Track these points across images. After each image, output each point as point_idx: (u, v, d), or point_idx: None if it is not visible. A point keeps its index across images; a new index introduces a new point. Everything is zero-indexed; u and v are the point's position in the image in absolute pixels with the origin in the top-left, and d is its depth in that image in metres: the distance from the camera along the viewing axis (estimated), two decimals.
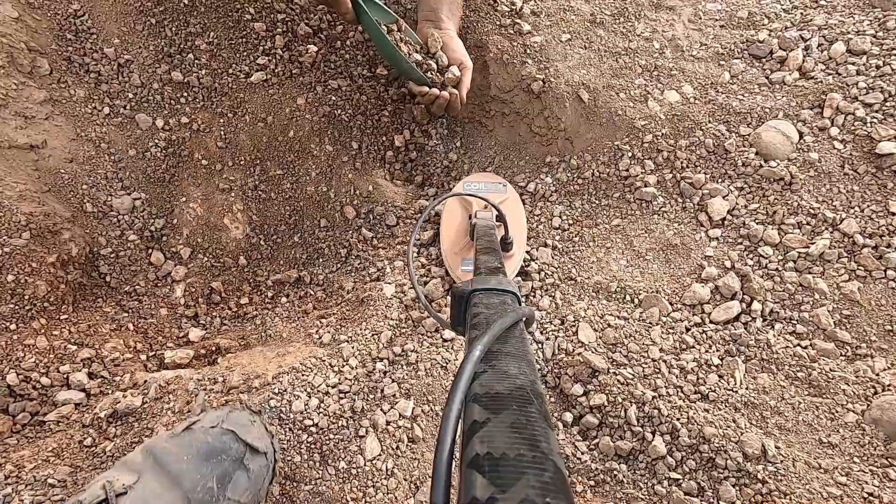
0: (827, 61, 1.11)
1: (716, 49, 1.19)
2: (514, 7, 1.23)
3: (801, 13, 1.19)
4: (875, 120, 1.01)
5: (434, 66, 1.07)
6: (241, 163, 1.16)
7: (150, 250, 1.12)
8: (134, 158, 1.14)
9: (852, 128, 1.02)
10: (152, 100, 1.16)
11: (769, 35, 1.17)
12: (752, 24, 1.21)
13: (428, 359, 0.88)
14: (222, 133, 1.16)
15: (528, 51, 1.18)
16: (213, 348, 1.01)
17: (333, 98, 1.18)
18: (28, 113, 1.06)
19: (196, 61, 1.17)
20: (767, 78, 1.13)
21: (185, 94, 1.17)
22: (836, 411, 0.80)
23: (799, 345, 0.87)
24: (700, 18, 1.24)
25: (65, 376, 0.91)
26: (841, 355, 0.86)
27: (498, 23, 1.22)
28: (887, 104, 1.02)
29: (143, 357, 1.00)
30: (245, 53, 1.19)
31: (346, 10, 0.98)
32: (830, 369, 0.83)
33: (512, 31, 1.20)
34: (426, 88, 1.06)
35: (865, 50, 1.09)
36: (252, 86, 1.18)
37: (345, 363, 0.86)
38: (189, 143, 1.16)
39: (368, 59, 1.24)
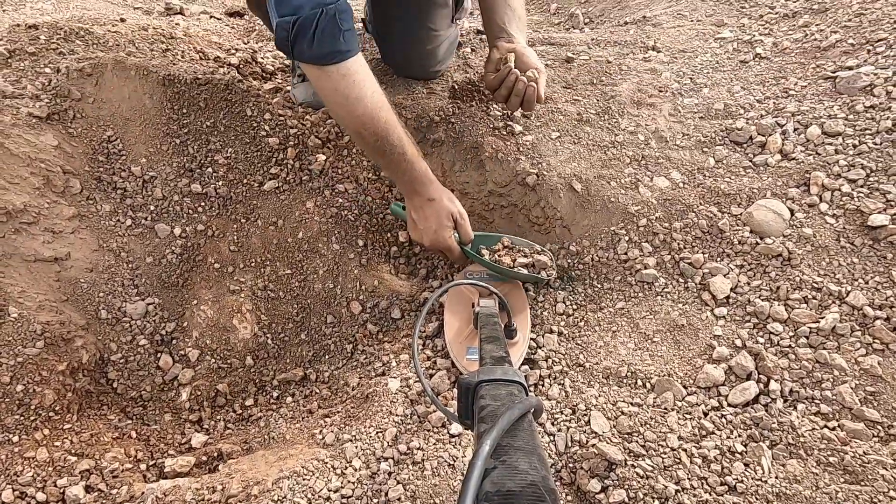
0: (805, 143, 1.17)
1: (698, 138, 1.26)
2: (506, 112, 1.34)
3: (774, 102, 1.28)
4: (862, 194, 1.04)
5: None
6: (252, 264, 1.21)
7: (159, 354, 1.14)
8: (150, 265, 1.19)
9: (841, 202, 1.05)
10: (172, 210, 1.24)
11: (746, 123, 1.25)
12: (728, 114, 1.29)
13: (434, 457, 0.84)
14: (235, 238, 1.23)
15: (521, 148, 1.26)
16: (215, 454, 0.98)
17: (340, 200, 1.26)
18: (56, 228, 1.13)
19: (214, 174, 1.27)
20: (751, 161, 1.19)
21: (203, 203, 1.25)
22: (878, 500, 0.73)
23: (826, 426, 0.83)
24: (679, 112, 1.33)
25: (61, 491, 0.88)
26: (873, 436, 0.80)
27: (492, 125, 1.32)
28: (871, 179, 1.05)
29: (143, 466, 0.97)
30: (259, 165, 1.29)
31: (460, 258, 1.13)
32: (864, 452, 0.78)
33: (505, 133, 1.30)
34: (506, 68, 1.11)
35: (840, 131, 1.15)
36: (265, 193, 1.26)
37: (348, 464, 0.82)
38: (203, 249, 1.22)
39: (373, 164, 1.33)
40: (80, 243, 1.15)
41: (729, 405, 0.88)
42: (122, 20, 1.56)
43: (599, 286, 1.12)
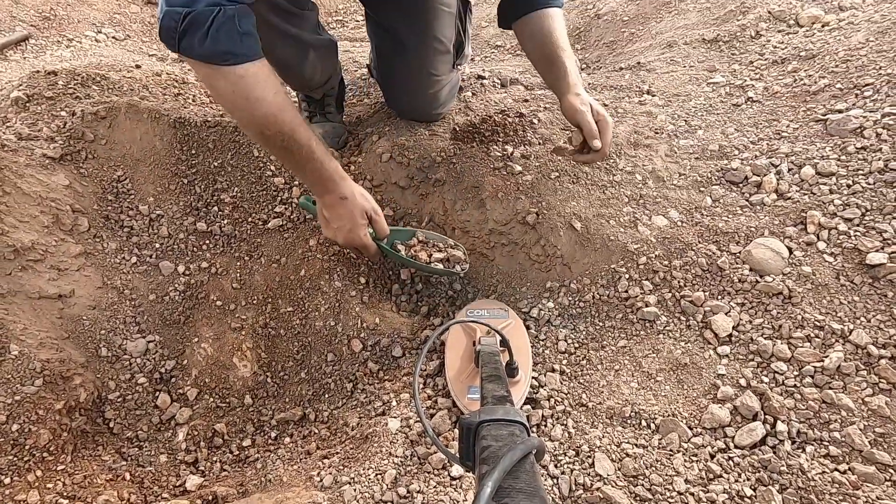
0: (800, 183, 1.19)
1: (694, 178, 1.29)
2: (505, 152, 1.37)
3: (767, 143, 1.31)
4: (858, 233, 1.05)
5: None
6: (254, 302, 1.22)
7: (157, 393, 1.12)
8: (153, 303, 1.20)
9: (838, 241, 1.06)
10: (177, 248, 1.26)
11: (741, 163, 1.28)
12: (723, 154, 1.32)
13: (435, 500, 0.82)
14: (238, 275, 1.24)
15: (521, 188, 1.29)
16: (210, 497, 0.95)
17: None
18: (62, 266, 1.15)
19: (220, 212, 1.30)
20: (747, 200, 1.21)
21: (208, 241, 1.27)
22: None
23: (836, 469, 0.81)
24: (675, 153, 1.37)
25: None
26: (885, 480, 0.78)
27: (492, 166, 1.35)
28: (866, 218, 1.07)
29: None
30: (264, 203, 1.32)
31: (375, 256, 1.16)
32: (877, 497, 0.76)
33: (505, 173, 1.33)
34: (571, 147, 1.14)
35: (833, 172, 1.17)
36: (269, 231, 1.28)
37: None
38: (206, 286, 1.23)
39: (377, 202, 1.36)
40: (84, 280, 1.16)
41: (736, 447, 0.86)
42: (138, 66, 1.63)
43: (601, 324, 1.11)
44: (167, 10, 0.86)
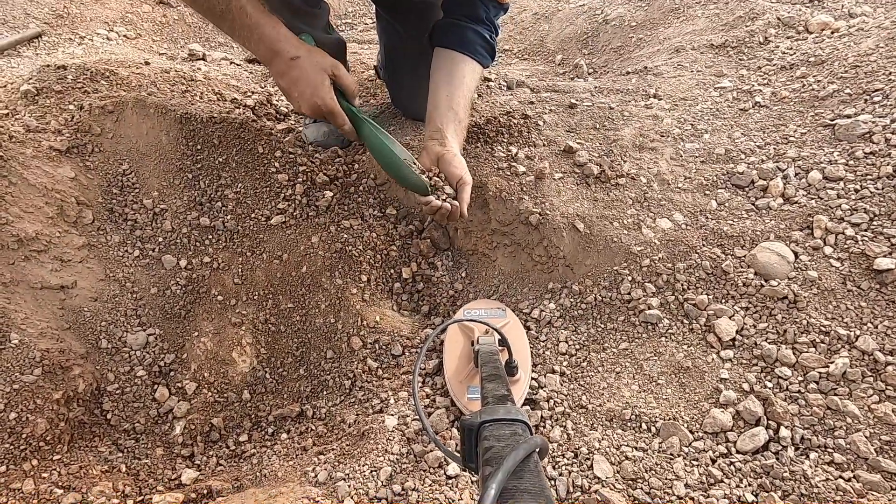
0: (807, 187, 1.18)
1: (700, 181, 1.28)
2: (510, 153, 1.37)
3: (774, 148, 1.30)
4: (866, 238, 1.04)
5: (440, 182, 1.12)
6: (255, 297, 1.22)
7: (156, 386, 1.12)
8: (154, 296, 1.20)
9: (845, 246, 1.04)
10: (179, 242, 1.26)
11: (748, 167, 1.27)
12: (729, 158, 1.31)
13: (430, 499, 0.81)
14: (240, 270, 1.24)
15: (525, 188, 1.28)
16: (205, 491, 0.95)
17: (345, 236, 1.27)
18: (65, 257, 1.15)
19: (223, 208, 1.30)
20: (753, 204, 1.20)
21: (210, 236, 1.27)
22: None
23: (841, 477, 0.79)
24: (681, 156, 1.36)
25: None
26: (891, 489, 0.76)
27: (496, 166, 1.34)
28: (874, 223, 1.05)
29: (131, 502, 0.94)
30: (268, 200, 1.32)
31: (343, 122, 1.02)
32: None
33: (509, 173, 1.32)
34: (429, 198, 1.06)
35: (841, 176, 1.16)
36: (271, 227, 1.28)
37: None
38: (208, 281, 1.23)
39: (379, 201, 1.36)
40: (87, 272, 1.16)
41: (738, 452, 0.85)
42: (147, 63, 1.64)
43: (602, 326, 1.10)
44: None
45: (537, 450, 0.49)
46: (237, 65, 2.10)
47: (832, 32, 1.66)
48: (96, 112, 1.31)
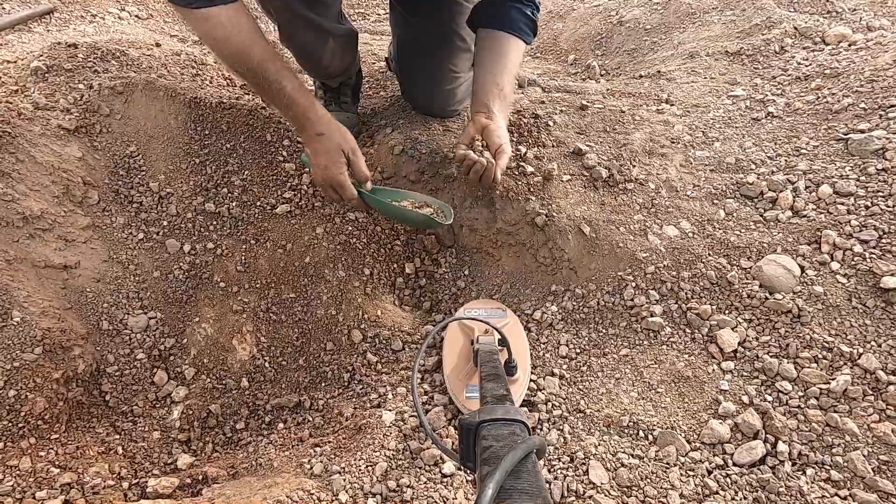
0: (816, 201, 1.17)
1: (708, 190, 1.27)
2: (518, 152, 1.36)
3: (785, 160, 1.29)
4: (874, 255, 1.03)
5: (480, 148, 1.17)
6: (257, 286, 1.21)
7: (155, 369, 1.12)
8: (157, 280, 1.20)
9: (853, 262, 1.04)
10: (184, 227, 1.26)
11: (758, 178, 1.26)
12: (740, 168, 1.30)
13: (424, 496, 0.81)
14: (243, 258, 1.23)
15: (532, 189, 1.28)
16: (200, 477, 0.95)
17: (350, 228, 1.27)
18: (69, 237, 1.15)
19: (229, 194, 1.30)
20: (762, 216, 1.19)
21: (215, 222, 1.27)
22: None
23: (837, 495, 0.79)
24: (691, 163, 1.35)
25: (39, 503, 0.86)
26: None
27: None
28: (883, 241, 1.05)
29: (126, 485, 0.94)
30: (274, 188, 1.31)
31: (352, 197, 1.13)
32: None
33: (517, 172, 1.31)
34: (467, 152, 1.12)
35: (852, 192, 1.15)
36: (276, 216, 1.28)
37: (334, 497, 0.79)
38: (211, 267, 1.23)
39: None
40: (90, 253, 1.16)
41: (734, 464, 0.85)
42: (158, 45, 1.64)
43: (604, 331, 1.10)
44: None
45: (535, 450, 0.49)
46: None
47: (849, 45, 1.64)
48: (106, 92, 1.31)
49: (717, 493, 0.81)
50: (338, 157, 1.09)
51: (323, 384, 1.13)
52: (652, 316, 1.07)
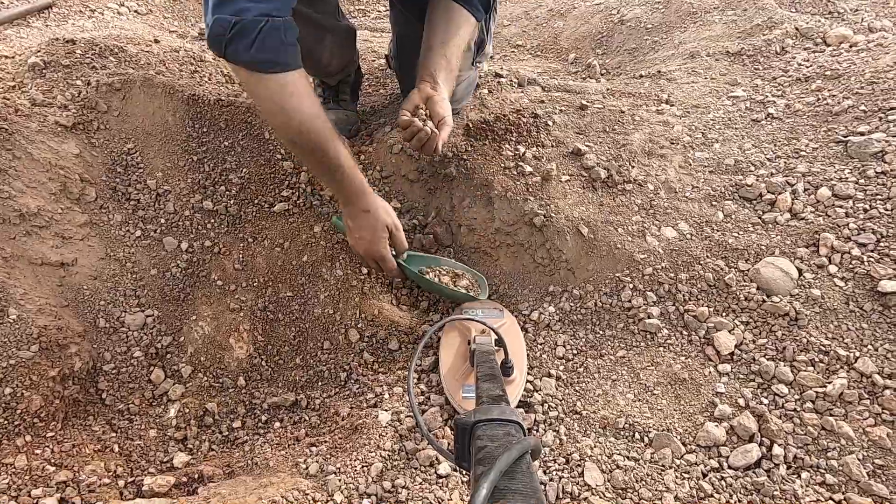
0: (815, 204, 1.17)
1: (707, 191, 1.27)
2: (517, 152, 1.36)
3: (784, 162, 1.29)
4: (872, 259, 1.03)
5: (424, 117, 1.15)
6: (255, 284, 1.21)
7: (151, 367, 1.12)
8: (154, 277, 1.20)
9: (850, 266, 1.04)
10: (181, 225, 1.26)
11: (757, 180, 1.26)
12: (739, 170, 1.30)
13: (420, 497, 0.81)
14: (240, 256, 1.23)
15: (531, 189, 1.27)
16: (196, 476, 0.95)
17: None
18: (67, 234, 1.15)
19: (227, 192, 1.29)
20: (760, 218, 1.19)
21: (213, 220, 1.27)
22: None
23: (832, 498, 0.79)
24: (690, 165, 1.34)
25: (35, 501, 0.86)
26: None
27: (502, 165, 1.33)
28: (881, 244, 1.04)
29: (122, 483, 0.94)
30: (272, 187, 1.31)
31: (392, 268, 1.16)
32: None
33: (515, 172, 1.31)
34: (411, 119, 1.12)
35: (850, 195, 1.15)
36: (274, 214, 1.27)
37: (329, 498, 0.80)
38: (208, 265, 1.23)
39: (384, 193, 1.35)
40: (87, 250, 1.16)
41: (730, 467, 0.85)
42: (156, 41, 1.63)
43: (601, 332, 1.10)
44: (217, 17, 0.91)
45: (530, 451, 0.49)
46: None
47: (850, 46, 1.64)
48: (103, 89, 1.30)
49: (712, 495, 0.81)
50: (382, 233, 1.11)
51: (320, 383, 1.13)
52: (649, 318, 1.07)
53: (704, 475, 0.84)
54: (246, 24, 0.90)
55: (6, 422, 0.94)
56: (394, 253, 1.15)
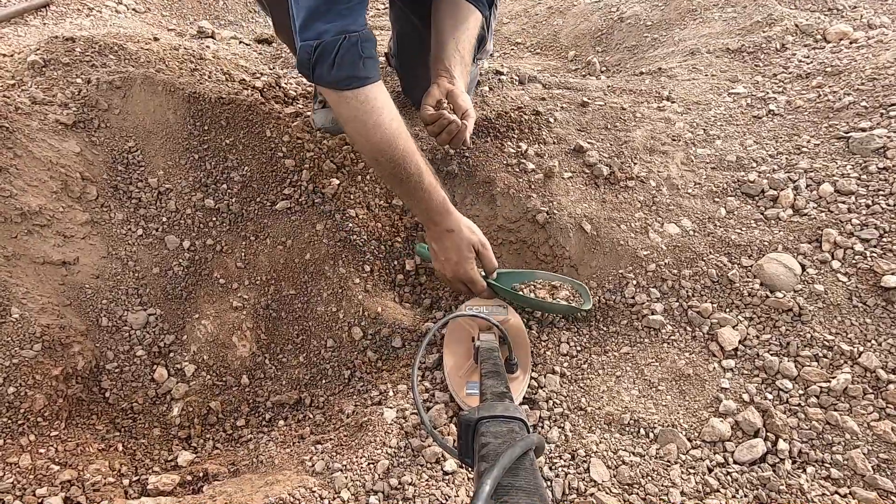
0: (818, 200, 1.17)
1: (709, 188, 1.27)
2: (519, 149, 1.36)
3: (786, 158, 1.29)
4: (875, 254, 1.03)
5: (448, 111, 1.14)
6: (257, 282, 1.21)
7: (155, 366, 1.12)
8: (156, 276, 1.19)
9: (853, 261, 1.04)
10: (183, 223, 1.25)
11: (759, 176, 1.26)
12: (741, 166, 1.30)
13: (426, 494, 0.81)
14: (243, 254, 1.23)
15: (533, 186, 1.27)
16: (201, 474, 0.95)
17: (350, 224, 1.26)
18: (68, 232, 1.14)
19: (229, 190, 1.29)
20: (762, 214, 1.19)
21: (215, 218, 1.26)
22: None
23: (837, 493, 0.79)
24: (692, 161, 1.35)
25: (39, 501, 0.85)
26: None
27: (505, 162, 1.33)
28: (884, 239, 1.05)
29: (126, 482, 0.94)
30: (273, 185, 1.31)
31: (482, 289, 1.10)
32: None
33: (518, 170, 1.31)
34: (441, 111, 1.11)
35: (853, 190, 1.15)
36: (276, 212, 1.27)
37: (336, 495, 0.79)
38: (210, 263, 1.23)
39: (386, 191, 1.35)
40: (89, 249, 1.16)
41: (735, 462, 0.85)
42: (156, 39, 1.62)
43: (605, 329, 1.10)
44: (302, 45, 0.93)
45: (533, 448, 0.49)
46: (246, 44, 2.07)
47: (850, 43, 1.64)
48: (104, 87, 1.30)
49: (717, 490, 0.81)
50: (469, 253, 1.06)
51: (323, 381, 1.13)
52: (653, 314, 1.07)
53: (710, 470, 0.84)
54: (326, 46, 0.91)
55: (10, 421, 0.93)
56: (483, 273, 1.10)
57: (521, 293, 1.12)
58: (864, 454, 0.82)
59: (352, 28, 0.92)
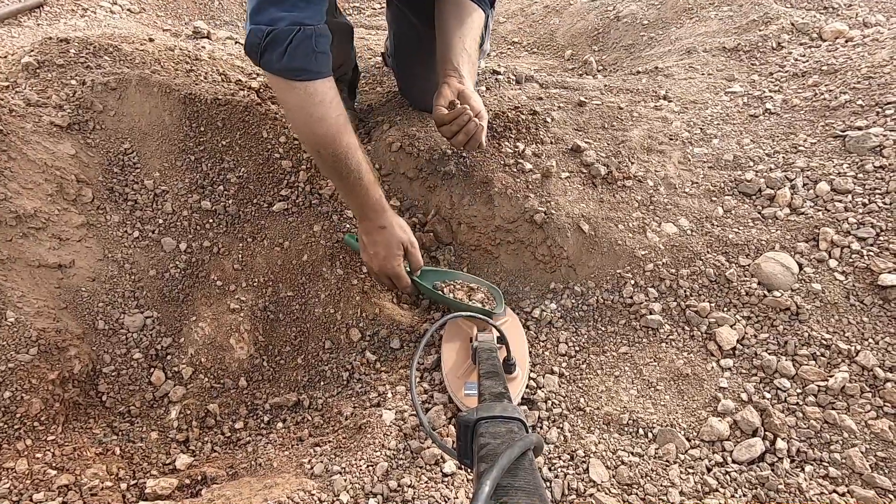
0: (814, 199, 1.17)
1: (707, 187, 1.27)
2: (517, 149, 1.36)
3: (783, 157, 1.29)
4: (871, 253, 1.04)
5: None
6: (255, 284, 1.21)
7: (152, 369, 1.12)
8: (153, 278, 1.19)
9: (850, 260, 1.04)
10: (180, 225, 1.24)
11: (756, 175, 1.26)
12: (738, 165, 1.30)
13: (426, 496, 0.81)
14: (240, 256, 1.22)
15: (531, 186, 1.27)
16: (199, 477, 0.94)
17: (348, 225, 1.26)
18: (63, 235, 1.14)
19: (225, 192, 1.28)
20: (760, 213, 1.19)
21: (211, 220, 1.26)
22: None
23: (835, 491, 0.79)
24: (689, 160, 1.35)
25: None
26: None
27: (502, 162, 1.33)
28: (881, 238, 1.05)
29: (124, 486, 0.93)
30: (270, 186, 1.30)
31: (406, 285, 1.13)
32: None
33: (515, 170, 1.31)
34: (460, 109, 1.11)
35: (849, 189, 1.15)
36: (273, 214, 1.26)
37: (335, 498, 0.79)
38: (207, 265, 1.22)
39: (385, 192, 1.34)
40: (85, 252, 1.15)
41: (734, 462, 0.85)
42: (151, 40, 1.61)
43: (603, 329, 1.10)
44: (252, 28, 0.92)
45: (532, 448, 0.49)
46: (242, 44, 2.07)
47: (846, 41, 1.64)
48: (99, 88, 1.29)
49: (716, 490, 0.81)
50: (398, 251, 1.09)
51: (322, 383, 1.12)
52: (651, 313, 1.07)
53: (709, 470, 0.85)
54: (279, 33, 0.90)
55: (6, 425, 0.93)
56: (408, 269, 1.13)
57: (440, 292, 1.15)
58: (862, 452, 0.82)
59: (307, 21, 0.92)
